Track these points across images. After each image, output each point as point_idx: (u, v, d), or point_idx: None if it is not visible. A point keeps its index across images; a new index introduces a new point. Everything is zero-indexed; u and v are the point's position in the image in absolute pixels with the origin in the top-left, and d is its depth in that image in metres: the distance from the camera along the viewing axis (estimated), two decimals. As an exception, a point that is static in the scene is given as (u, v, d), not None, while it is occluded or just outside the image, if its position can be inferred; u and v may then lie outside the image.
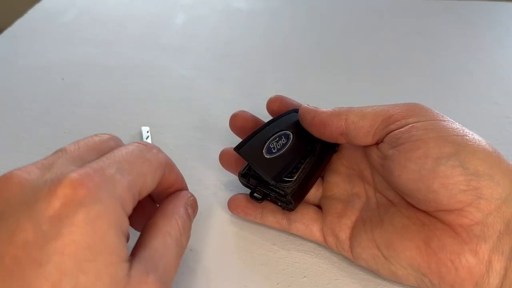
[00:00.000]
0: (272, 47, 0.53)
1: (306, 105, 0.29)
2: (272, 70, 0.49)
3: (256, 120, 0.32)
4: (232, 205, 0.30)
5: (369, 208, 0.26)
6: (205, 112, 0.41)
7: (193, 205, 0.25)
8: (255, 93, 0.44)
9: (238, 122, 0.32)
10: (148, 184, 0.21)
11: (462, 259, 0.22)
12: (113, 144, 0.23)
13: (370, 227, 0.25)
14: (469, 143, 0.22)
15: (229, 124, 0.32)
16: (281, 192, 0.27)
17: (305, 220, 0.28)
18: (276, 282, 0.26)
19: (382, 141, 0.25)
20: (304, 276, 0.27)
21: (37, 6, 0.61)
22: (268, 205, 0.29)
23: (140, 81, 0.45)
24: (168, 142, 0.37)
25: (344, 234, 0.26)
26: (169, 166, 0.23)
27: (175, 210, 0.23)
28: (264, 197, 0.28)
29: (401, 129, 0.24)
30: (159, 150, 0.23)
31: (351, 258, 0.26)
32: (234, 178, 0.33)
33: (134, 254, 0.20)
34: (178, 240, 0.22)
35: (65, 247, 0.16)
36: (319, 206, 0.29)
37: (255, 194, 0.29)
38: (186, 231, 0.23)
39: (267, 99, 0.32)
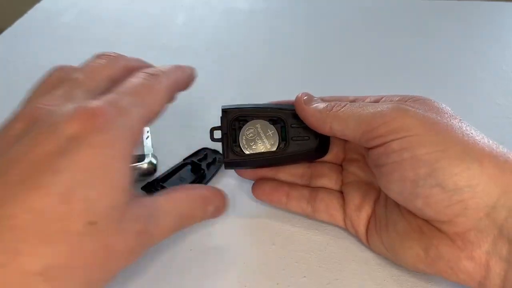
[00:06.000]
0: (272, 47, 0.53)
1: (300, 96, 0.28)
2: (272, 70, 0.49)
3: None
4: (257, 192, 0.30)
5: (380, 205, 0.27)
6: (205, 112, 0.41)
7: (219, 208, 0.26)
8: (255, 93, 0.44)
9: None
10: (156, 111, 0.23)
11: (460, 265, 0.22)
12: (123, 63, 0.24)
13: (379, 227, 0.26)
14: (443, 159, 0.21)
15: None
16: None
17: (330, 210, 0.29)
18: (276, 282, 0.26)
19: (366, 152, 0.25)
20: (304, 276, 0.27)
21: (37, 6, 0.61)
22: (293, 192, 0.30)
23: (140, 81, 0.45)
24: (168, 142, 0.37)
25: (362, 228, 0.28)
26: (172, 88, 0.25)
27: (203, 204, 0.25)
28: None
29: (379, 148, 0.24)
30: (163, 74, 0.24)
31: (370, 248, 0.28)
32: (235, 180, 0.33)
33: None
34: (181, 218, 0.24)
35: (80, 162, 0.18)
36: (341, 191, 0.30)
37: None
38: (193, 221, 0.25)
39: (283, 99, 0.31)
